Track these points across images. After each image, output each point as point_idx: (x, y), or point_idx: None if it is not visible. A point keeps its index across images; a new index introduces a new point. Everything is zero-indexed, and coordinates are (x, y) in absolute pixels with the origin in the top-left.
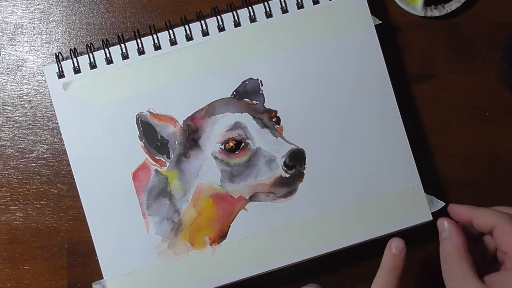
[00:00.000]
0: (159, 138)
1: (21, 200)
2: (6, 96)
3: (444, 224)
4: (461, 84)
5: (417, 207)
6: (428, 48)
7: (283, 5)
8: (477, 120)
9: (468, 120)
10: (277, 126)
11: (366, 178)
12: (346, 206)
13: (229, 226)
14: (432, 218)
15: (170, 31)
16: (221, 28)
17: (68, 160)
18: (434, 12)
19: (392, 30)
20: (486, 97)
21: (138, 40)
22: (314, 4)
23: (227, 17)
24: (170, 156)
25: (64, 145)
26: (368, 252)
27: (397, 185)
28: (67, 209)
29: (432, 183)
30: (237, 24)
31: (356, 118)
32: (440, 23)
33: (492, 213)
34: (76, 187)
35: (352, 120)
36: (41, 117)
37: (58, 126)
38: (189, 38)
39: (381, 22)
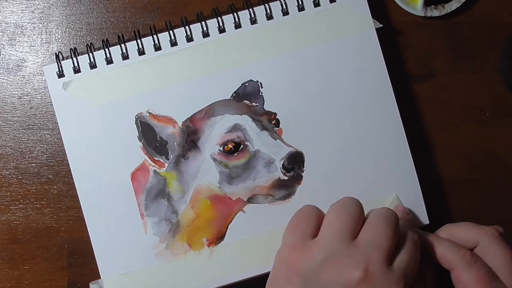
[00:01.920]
0: (158, 139)
1: (21, 200)
2: (6, 96)
3: None
4: (461, 84)
5: (415, 211)
6: (428, 48)
7: (284, 7)
8: (477, 120)
9: (468, 120)
10: (276, 128)
11: (364, 182)
12: None
13: (227, 228)
14: (428, 222)
15: (171, 32)
16: (221, 30)
17: (68, 160)
18: (434, 12)
19: (392, 30)
20: (486, 97)
21: (139, 40)
22: (315, 7)
23: (228, 19)
24: (169, 157)
25: (64, 145)
26: None
27: (396, 189)
28: (67, 209)
29: (432, 183)
30: (237, 25)
31: (355, 122)
32: (440, 23)
33: (453, 253)
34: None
35: (352, 124)
36: (41, 117)
37: (58, 126)
38: (189, 39)
39: (382, 25)
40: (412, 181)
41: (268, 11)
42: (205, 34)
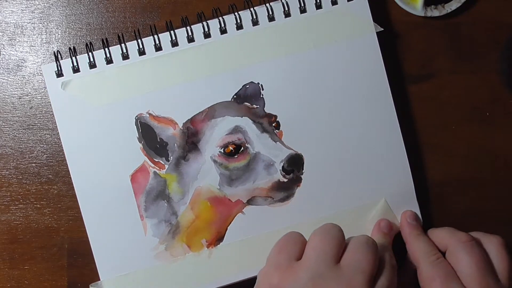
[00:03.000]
0: (158, 140)
1: (21, 200)
2: (6, 96)
3: None
4: (461, 84)
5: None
6: (428, 48)
7: (286, 9)
8: (477, 120)
9: (468, 120)
10: (277, 130)
11: (362, 184)
12: (342, 211)
13: (226, 229)
14: (422, 221)
15: (172, 32)
16: (223, 31)
17: (67, 161)
18: (434, 12)
19: (392, 30)
20: (486, 97)
21: (139, 40)
22: (317, 9)
23: (229, 20)
24: (169, 158)
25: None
26: None
27: (392, 192)
28: (67, 209)
29: (432, 183)
30: (239, 26)
31: (355, 125)
32: (440, 23)
33: (421, 251)
34: None
35: (351, 127)
36: (41, 117)
37: None
38: (190, 39)
39: (382, 29)
40: (407, 183)
41: (270, 13)
42: (207, 35)
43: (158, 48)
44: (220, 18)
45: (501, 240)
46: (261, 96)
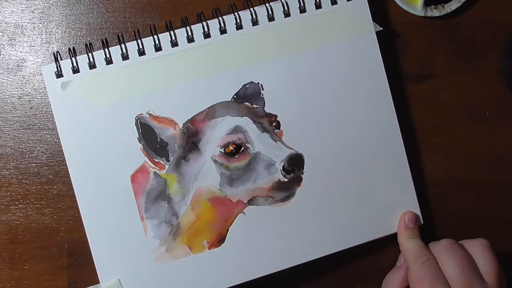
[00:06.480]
0: (159, 140)
1: (21, 200)
2: (6, 96)
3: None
4: (461, 84)
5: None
6: (428, 48)
7: (286, 8)
8: (477, 120)
9: (468, 120)
10: (277, 130)
11: (362, 184)
12: (343, 210)
13: (227, 230)
14: (422, 222)
15: (171, 32)
16: (223, 31)
17: (66, 162)
18: (434, 12)
19: (392, 30)
20: (486, 97)
21: (139, 40)
22: (316, 9)
23: (229, 20)
24: (170, 158)
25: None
26: (368, 253)
27: (393, 192)
28: (67, 209)
29: (432, 183)
30: (239, 26)
31: (354, 125)
32: (440, 23)
33: (411, 252)
34: None
35: (351, 127)
36: (41, 117)
37: None
38: (190, 39)
39: (382, 29)
40: (407, 183)
41: (270, 13)
42: (206, 35)
43: (158, 48)
44: (220, 18)
45: (485, 242)
46: (261, 96)
